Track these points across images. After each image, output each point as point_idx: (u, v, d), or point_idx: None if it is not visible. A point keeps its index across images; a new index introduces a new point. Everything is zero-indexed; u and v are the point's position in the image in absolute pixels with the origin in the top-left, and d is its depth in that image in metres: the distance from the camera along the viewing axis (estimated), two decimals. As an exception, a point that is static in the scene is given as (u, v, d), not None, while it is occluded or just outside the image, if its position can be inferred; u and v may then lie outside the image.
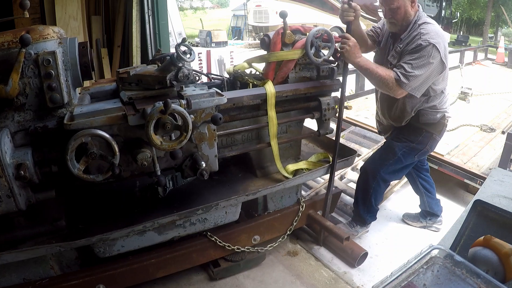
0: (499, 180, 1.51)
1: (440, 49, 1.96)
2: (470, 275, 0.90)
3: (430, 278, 0.92)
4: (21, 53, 1.48)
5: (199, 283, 2.21)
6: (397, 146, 2.29)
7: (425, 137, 2.26)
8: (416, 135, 2.26)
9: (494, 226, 1.22)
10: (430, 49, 1.95)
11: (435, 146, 2.35)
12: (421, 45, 1.96)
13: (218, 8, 35.60)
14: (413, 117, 2.23)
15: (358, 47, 2.05)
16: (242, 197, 2.02)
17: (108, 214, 1.96)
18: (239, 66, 2.33)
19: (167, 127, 1.55)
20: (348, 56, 2.05)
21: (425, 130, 2.25)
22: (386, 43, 2.28)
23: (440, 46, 1.96)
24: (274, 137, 2.14)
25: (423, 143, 2.27)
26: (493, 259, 1.08)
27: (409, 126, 2.28)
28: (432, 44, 1.95)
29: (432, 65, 1.97)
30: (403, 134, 2.31)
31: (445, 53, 2.00)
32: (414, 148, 2.28)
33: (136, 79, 1.79)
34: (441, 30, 2.08)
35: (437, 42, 1.96)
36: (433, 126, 2.24)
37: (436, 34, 1.99)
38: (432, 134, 2.26)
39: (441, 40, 1.99)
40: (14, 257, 1.62)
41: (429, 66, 1.96)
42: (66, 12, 4.30)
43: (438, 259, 0.96)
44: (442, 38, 2.01)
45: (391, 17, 2.10)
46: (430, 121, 2.22)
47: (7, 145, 1.52)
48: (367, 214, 2.53)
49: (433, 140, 2.28)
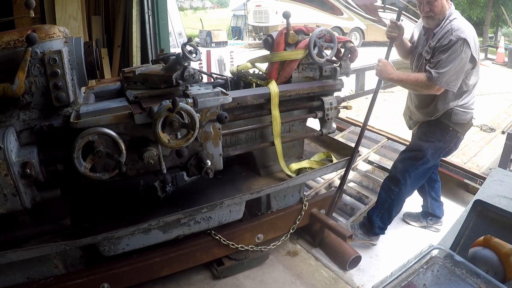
0: (499, 180, 1.51)
1: (470, 44, 2.01)
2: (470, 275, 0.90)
3: (430, 278, 0.92)
4: (28, 52, 1.48)
5: (199, 283, 2.21)
6: (425, 146, 2.29)
7: (452, 136, 2.28)
8: (443, 133, 2.28)
9: (494, 226, 1.23)
10: (461, 44, 2.00)
11: (459, 145, 2.38)
12: (451, 41, 2.02)
13: (218, 8, 35.60)
14: (445, 114, 2.24)
15: (389, 65, 2.28)
16: (247, 196, 2.03)
17: (112, 213, 1.96)
18: (243, 66, 2.35)
19: (175, 125, 1.56)
20: (381, 75, 2.31)
21: (453, 129, 2.26)
22: (419, 40, 2.35)
23: (471, 41, 2.01)
24: (278, 136, 2.15)
25: (448, 141, 2.29)
26: (493, 259, 1.09)
27: (437, 123, 2.29)
28: (463, 39, 2.00)
29: (463, 59, 2.02)
30: (430, 131, 2.32)
31: (475, 48, 2.05)
32: (441, 147, 2.30)
33: (141, 78, 1.80)
34: (470, 25, 2.12)
35: (468, 37, 2.01)
36: (462, 126, 2.27)
37: (466, 29, 2.04)
38: (457, 133, 2.28)
39: (471, 35, 2.03)
40: (19, 255, 1.62)
41: (460, 60, 2.01)
42: (66, 12, 4.29)
43: (438, 259, 0.96)
44: (472, 33, 2.06)
45: (429, 10, 2.13)
46: (461, 121, 2.24)
47: (13, 143, 1.53)
48: (379, 221, 2.43)
49: (457, 139, 2.32)
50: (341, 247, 2.39)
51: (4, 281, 1.75)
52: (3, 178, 1.48)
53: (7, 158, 1.46)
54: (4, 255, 1.58)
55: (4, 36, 1.53)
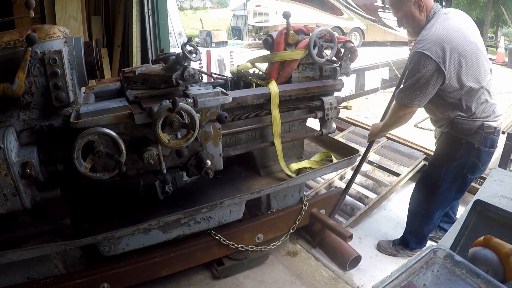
0: (499, 180, 1.51)
1: (432, 55, 1.81)
2: (470, 275, 0.90)
3: (430, 278, 0.92)
4: (28, 51, 1.48)
5: (199, 283, 2.21)
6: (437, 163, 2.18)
7: (468, 149, 2.02)
8: (457, 146, 2.05)
9: (494, 226, 1.22)
10: (417, 59, 1.86)
11: (488, 159, 2.08)
12: (410, 55, 1.93)
13: (218, 8, 35.60)
14: (450, 125, 2.04)
15: (375, 126, 2.34)
16: (247, 196, 2.03)
17: (112, 213, 1.96)
18: (243, 66, 2.35)
19: (175, 125, 1.56)
20: (375, 137, 2.40)
21: (466, 141, 2.02)
22: None
23: (432, 51, 1.81)
24: (278, 136, 2.15)
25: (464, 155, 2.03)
26: (493, 259, 1.09)
27: (448, 136, 2.09)
28: (419, 52, 1.84)
29: (424, 74, 1.85)
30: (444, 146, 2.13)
31: (444, 57, 1.82)
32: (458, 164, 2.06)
33: (141, 78, 1.80)
34: (449, 29, 1.87)
35: (429, 48, 1.82)
36: (472, 136, 2.00)
37: (433, 38, 1.84)
38: (473, 144, 2.00)
39: (438, 45, 1.82)
40: (19, 255, 1.62)
41: (420, 75, 1.86)
42: (66, 12, 4.29)
43: (438, 259, 0.96)
44: (444, 41, 1.82)
45: (402, 26, 2.06)
46: (467, 131, 1.99)
47: (13, 143, 1.53)
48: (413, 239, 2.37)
49: (478, 151, 2.01)
50: (341, 247, 2.39)
51: (4, 281, 1.75)
52: (3, 178, 1.48)
53: (7, 158, 1.46)
54: (4, 255, 1.58)
55: (4, 36, 1.53)
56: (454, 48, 1.84)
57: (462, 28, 1.92)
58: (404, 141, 3.64)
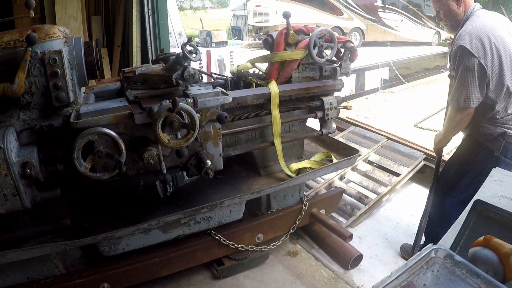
0: (499, 180, 1.51)
1: (472, 49, 1.78)
2: (470, 275, 0.90)
3: (430, 278, 0.92)
4: (28, 51, 1.48)
5: (199, 283, 2.21)
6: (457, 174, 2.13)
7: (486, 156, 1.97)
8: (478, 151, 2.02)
9: (494, 226, 1.22)
10: (461, 53, 1.81)
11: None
12: (453, 51, 1.88)
13: (218, 8, 35.60)
14: (474, 128, 2.01)
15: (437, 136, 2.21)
16: (247, 196, 2.03)
17: (112, 213, 1.96)
18: (243, 66, 2.35)
19: (175, 125, 1.56)
20: (439, 146, 2.23)
21: (486, 147, 1.98)
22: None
23: (472, 46, 1.78)
24: (278, 136, 2.15)
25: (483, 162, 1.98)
26: (493, 259, 1.09)
27: (471, 139, 2.08)
28: (461, 47, 1.80)
29: (470, 69, 1.81)
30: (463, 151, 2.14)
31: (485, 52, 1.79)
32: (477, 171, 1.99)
33: (141, 78, 1.80)
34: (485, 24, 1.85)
35: (468, 42, 1.79)
36: (492, 142, 1.95)
37: (472, 32, 1.80)
38: (493, 153, 1.94)
39: (475, 38, 1.79)
40: (19, 255, 1.62)
41: (464, 71, 1.82)
42: (66, 12, 4.29)
43: (438, 259, 0.96)
44: (479, 35, 1.80)
45: (441, 19, 2.02)
46: (488, 136, 1.95)
47: (13, 143, 1.53)
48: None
49: (496, 160, 1.93)
50: (342, 246, 2.39)
51: (4, 281, 1.75)
52: (3, 178, 1.48)
53: (7, 158, 1.47)
54: (4, 255, 1.58)
55: (4, 36, 1.53)
56: (493, 44, 1.82)
57: (500, 28, 1.90)
58: (404, 141, 3.64)
